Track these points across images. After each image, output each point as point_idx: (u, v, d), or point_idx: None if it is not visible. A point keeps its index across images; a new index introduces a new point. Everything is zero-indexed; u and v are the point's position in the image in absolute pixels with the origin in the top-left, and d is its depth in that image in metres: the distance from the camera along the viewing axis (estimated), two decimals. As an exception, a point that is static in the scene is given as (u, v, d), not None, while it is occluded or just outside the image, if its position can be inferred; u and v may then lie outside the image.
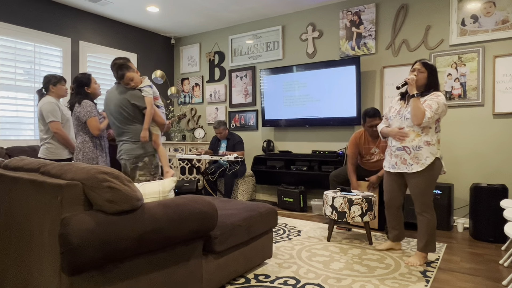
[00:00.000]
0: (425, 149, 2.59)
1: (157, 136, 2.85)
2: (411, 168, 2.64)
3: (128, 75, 2.70)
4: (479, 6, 3.82)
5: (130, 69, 2.73)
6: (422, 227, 2.68)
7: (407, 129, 2.65)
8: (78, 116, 3.00)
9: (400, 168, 2.71)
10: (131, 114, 2.74)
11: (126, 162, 2.79)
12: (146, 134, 2.72)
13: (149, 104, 2.73)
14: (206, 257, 2.03)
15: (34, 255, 1.58)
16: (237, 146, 4.97)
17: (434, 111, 2.53)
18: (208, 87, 6.11)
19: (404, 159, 2.67)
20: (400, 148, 2.68)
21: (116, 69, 2.73)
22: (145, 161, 2.78)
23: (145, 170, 2.79)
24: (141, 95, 2.75)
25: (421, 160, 2.60)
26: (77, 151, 3.02)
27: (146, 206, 1.65)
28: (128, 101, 2.72)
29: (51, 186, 1.47)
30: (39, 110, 3.23)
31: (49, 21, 4.68)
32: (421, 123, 2.54)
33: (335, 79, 4.61)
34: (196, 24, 5.75)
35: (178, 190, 5.00)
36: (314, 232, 3.55)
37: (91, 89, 3.12)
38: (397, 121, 2.73)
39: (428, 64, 2.66)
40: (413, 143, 2.62)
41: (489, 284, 2.38)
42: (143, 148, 2.77)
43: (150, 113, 2.73)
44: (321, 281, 2.36)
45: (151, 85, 2.82)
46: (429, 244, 2.68)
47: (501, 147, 3.74)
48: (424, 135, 2.60)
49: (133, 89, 2.76)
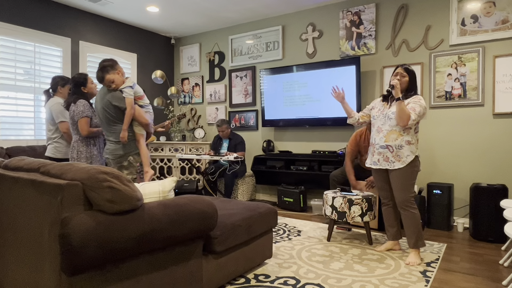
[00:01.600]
0: (406, 148, 2.74)
1: (140, 136, 2.89)
2: (393, 165, 2.78)
3: (108, 77, 2.76)
4: (479, 6, 3.81)
5: (111, 71, 2.77)
6: (409, 222, 2.78)
7: (390, 128, 2.79)
8: (72, 115, 3.05)
9: (382, 165, 2.85)
10: (113, 115, 2.81)
11: (111, 161, 2.88)
12: (124, 134, 2.77)
13: (128, 105, 2.78)
14: (206, 257, 2.03)
15: (34, 255, 1.58)
16: (239, 146, 4.97)
17: (417, 114, 2.70)
18: (208, 87, 6.11)
19: (386, 156, 2.81)
20: (383, 146, 2.81)
21: (97, 72, 2.80)
22: (129, 160, 2.85)
23: (131, 169, 2.86)
24: (122, 96, 2.80)
25: (402, 158, 2.75)
26: (72, 150, 3.07)
27: (146, 206, 1.64)
28: (109, 103, 2.79)
29: (51, 186, 1.47)
30: (48, 110, 3.31)
31: (49, 21, 4.68)
32: (406, 124, 2.70)
33: (335, 79, 4.61)
34: (196, 24, 5.75)
35: (178, 190, 5.00)
36: (314, 232, 3.55)
37: (88, 89, 3.17)
38: (381, 120, 2.86)
39: (409, 69, 2.83)
40: (395, 142, 2.76)
41: (489, 284, 2.38)
42: (125, 148, 2.83)
43: (130, 114, 2.78)
44: (321, 281, 2.36)
45: (133, 86, 2.86)
46: (419, 239, 2.77)
47: (501, 147, 3.74)
48: (405, 135, 2.75)
49: (115, 91, 2.81)
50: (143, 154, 2.88)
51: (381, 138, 2.82)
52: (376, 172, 2.97)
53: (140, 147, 2.87)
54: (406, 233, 2.80)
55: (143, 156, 2.88)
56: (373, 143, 2.91)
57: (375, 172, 2.98)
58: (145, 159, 2.87)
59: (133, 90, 2.84)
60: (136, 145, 2.88)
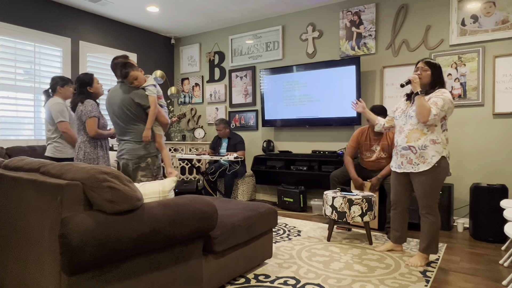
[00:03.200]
0: (431, 148, 2.54)
1: (160, 136, 2.82)
2: (418, 168, 2.59)
3: (132, 74, 2.66)
4: (479, 6, 3.81)
5: (134, 67, 2.69)
6: (425, 228, 2.64)
7: (411, 127, 2.62)
8: (80, 115, 3.02)
9: (406, 168, 2.67)
10: (135, 114, 2.70)
11: (128, 161, 2.74)
12: (148, 133, 2.69)
13: (153, 103, 2.70)
14: (206, 257, 2.03)
15: (34, 255, 1.58)
16: (238, 146, 4.97)
17: (440, 108, 2.48)
18: (208, 87, 6.11)
19: (410, 158, 2.63)
20: (405, 148, 2.64)
21: (120, 68, 2.68)
22: (147, 161, 2.74)
23: (147, 171, 2.75)
24: (145, 94, 2.71)
25: (427, 159, 2.55)
26: (78, 150, 3.04)
27: (146, 206, 1.64)
28: (132, 100, 2.68)
29: (51, 186, 1.47)
30: (47, 110, 3.28)
31: (49, 21, 4.68)
32: (427, 120, 2.49)
33: (335, 79, 4.61)
34: (196, 24, 5.75)
35: (178, 190, 5.00)
36: (314, 232, 3.55)
37: (93, 88, 3.14)
38: (402, 120, 2.71)
39: (432, 62, 2.63)
40: (418, 142, 2.57)
41: (489, 284, 2.38)
42: (146, 149, 2.73)
43: (154, 113, 2.70)
44: (321, 281, 2.36)
45: (155, 84, 2.79)
46: (431, 246, 2.64)
47: (501, 147, 3.74)
48: (430, 134, 2.55)
49: (137, 88, 2.72)
50: (165, 155, 2.81)
51: (402, 139, 2.65)
52: (396, 174, 2.80)
53: (162, 148, 2.79)
54: (421, 236, 2.68)
55: (165, 157, 2.81)
56: (396, 145, 2.75)
57: (395, 174, 2.81)
58: (167, 161, 2.80)
59: (156, 89, 2.78)
60: (155, 146, 2.78)
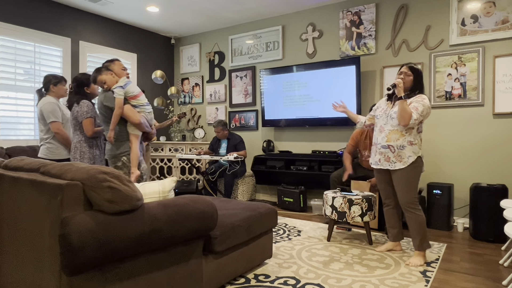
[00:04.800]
0: (408, 148, 2.71)
1: (133, 136, 2.86)
2: (394, 166, 2.76)
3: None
4: (479, 6, 3.81)
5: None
6: (413, 224, 2.75)
7: (392, 128, 2.76)
8: (76, 116, 3.02)
9: (383, 165, 2.83)
10: (105, 116, 2.84)
11: (108, 161, 2.92)
12: (111, 134, 2.79)
13: (116, 105, 2.78)
14: (206, 257, 2.03)
15: (34, 255, 1.58)
16: (239, 146, 4.96)
17: (420, 113, 2.65)
18: (208, 87, 6.11)
19: (388, 156, 2.78)
20: (385, 146, 2.79)
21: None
22: (123, 160, 2.86)
23: (125, 169, 2.86)
24: (113, 97, 2.81)
25: (403, 158, 2.72)
26: (74, 150, 3.04)
27: (146, 206, 1.64)
28: (101, 103, 2.82)
29: (51, 186, 1.47)
30: (39, 110, 3.22)
31: (49, 21, 4.68)
32: (407, 124, 2.65)
33: (335, 79, 4.61)
34: (196, 24, 5.75)
35: (178, 190, 5.00)
36: (314, 232, 3.55)
37: (91, 89, 3.14)
38: (383, 119, 2.84)
39: (415, 68, 2.78)
40: (397, 142, 2.73)
41: (489, 284, 2.38)
42: (118, 148, 2.84)
43: (116, 114, 2.77)
44: (321, 281, 2.36)
45: (124, 85, 2.83)
46: (424, 241, 2.74)
47: (501, 147, 3.74)
48: (407, 135, 2.71)
49: (107, 91, 2.84)
50: (133, 154, 2.87)
51: (382, 138, 2.80)
52: (378, 172, 2.95)
53: (131, 147, 2.86)
54: (411, 235, 2.78)
55: (132, 156, 2.86)
56: (375, 142, 2.89)
57: (377, 172, 2.96)
58: (133, 160, 2.85)
59: (124, 90, 2.81)
60: (129, 146, 2.87)
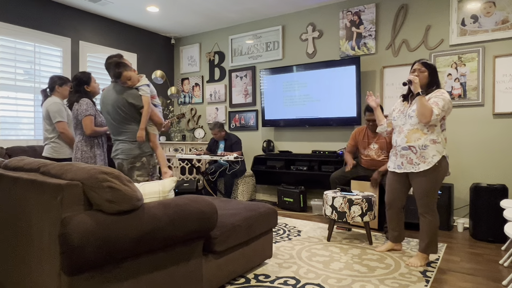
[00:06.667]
0: (431, 148, 2.54)
1: (154, 136, 2.83)
2: (418, 167, 2.58)
3: (126, 74, 2.68)
4: (479, 6, 3.81)
5: (127, 67, 2.70)
6: (424, 228, 2.65)
7: (411, 127, 2.61)
8: (76, 114, 3.01)
9: (406, 168, 2.65)
10: (128, 114, 2.73)
11: (123, 161, 2.76)
12: (142, 134, 2.71)
13: (146, 103, 2.71)
14: (206, 257, 2.03)
15: (34, 255, 1.58)
16: (234, 146, 4.94)
17: (441, 108, 2.49)
18: (208, 87, 6.11)
19: (410, 158, 2.62)
20: (405, 148, 2.63)
21: (113, 68, 2.70)
22: (142, 161, 2.77)
23: (143, 170, 2.77)
24: (138, 94, 2.73)
25: (427, 158, 2.55)
26: (76, 150, 3.03)
27: (146, 206, 1.64)
28: (125, 101, 2.70)
29: (51, 186, 1.47)
30: (45, 110, 3.25)
31: (49, 21, 4.68)
32: (429, 120, 2.49)
33: (335, 79, 4.61)
34: (196, 24, 5.75)
35: (178, 190, 5.00)
36: (314, 232, 3.55)
37: (91, 87, 3.13)
38: (401, 120, 2.70)
39: (428, 64, 2.65)
40: (418, 142, 2.56)
41: (489, 284, 2.38)
42: (141, 148, 2.76)
43: (147, 113, 2.72)
44: (321, 281, 2.36)
45: (149, 84, 2.80)
46: (430, 246, 2.65)
47: (501, 147, 3.74)
48: (430, 134, 2.55)
49: (130, 88, 2.74)
50: (160, 155, 2.82)
51: (402, 139, 2.63)
52: (394, 174, 2.78)
53: (156, 147, 2.81)
54: (420, 236, 2.68)
55: (159, 156, 2.82)
56: (395, 145, 2.73)
57: (393, 174, 2.79)
58: (162, 160, 2.80)
59: (149, 89, 2.79)
60: (150, 146, 2.81)
